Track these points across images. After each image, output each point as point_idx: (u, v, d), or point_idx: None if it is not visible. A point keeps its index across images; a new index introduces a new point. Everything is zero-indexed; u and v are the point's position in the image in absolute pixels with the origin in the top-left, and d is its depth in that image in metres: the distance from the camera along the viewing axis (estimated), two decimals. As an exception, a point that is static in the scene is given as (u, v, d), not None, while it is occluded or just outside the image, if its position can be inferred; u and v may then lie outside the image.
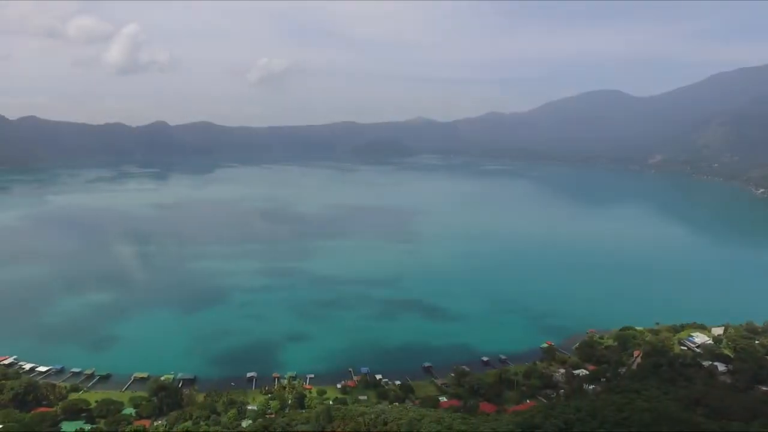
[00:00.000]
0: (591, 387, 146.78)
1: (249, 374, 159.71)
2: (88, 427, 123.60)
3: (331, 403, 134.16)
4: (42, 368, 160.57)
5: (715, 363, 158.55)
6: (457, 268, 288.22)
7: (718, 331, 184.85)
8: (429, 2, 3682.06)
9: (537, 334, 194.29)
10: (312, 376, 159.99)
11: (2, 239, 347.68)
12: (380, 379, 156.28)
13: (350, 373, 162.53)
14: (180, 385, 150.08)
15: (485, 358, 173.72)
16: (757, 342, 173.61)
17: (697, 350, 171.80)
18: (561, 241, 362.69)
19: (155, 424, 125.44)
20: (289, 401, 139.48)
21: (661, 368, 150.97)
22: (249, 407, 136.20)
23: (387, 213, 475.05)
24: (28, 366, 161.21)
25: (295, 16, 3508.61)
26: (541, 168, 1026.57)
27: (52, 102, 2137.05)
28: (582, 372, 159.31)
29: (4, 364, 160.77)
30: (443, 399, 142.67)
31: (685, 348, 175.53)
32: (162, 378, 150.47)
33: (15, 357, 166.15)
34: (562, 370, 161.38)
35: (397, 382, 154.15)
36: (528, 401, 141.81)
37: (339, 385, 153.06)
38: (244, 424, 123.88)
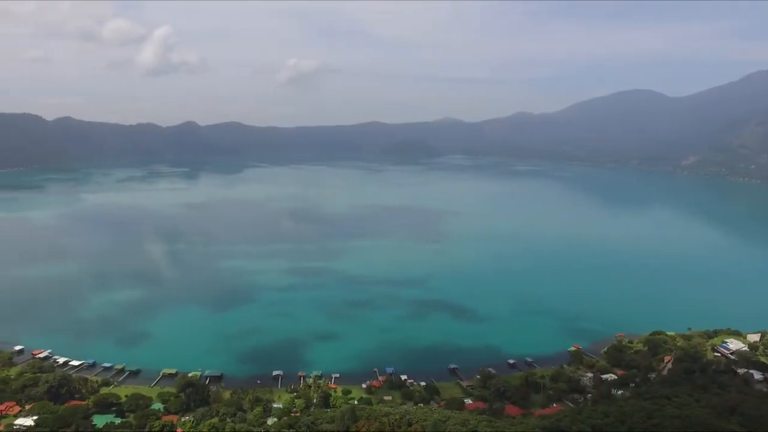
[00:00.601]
0: (619, 392, 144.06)
1: (275, 372, 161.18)
2: (118, 420, 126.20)
3: (356, 402, 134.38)
4: (75, 362, 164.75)
5: (751, 371, 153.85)
6: (485, 269, 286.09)
7: (754, 337, 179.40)
8: (457, 2, 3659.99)
9: (564, 337, 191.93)
10: (337, 375, 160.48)
11: (39, 237, 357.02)
12: (405, 379, 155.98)
13: (375, 373, 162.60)
14: (207, 382, 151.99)
15: (511, 361, 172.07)
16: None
17: (732, 357, 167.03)
18: (590, 242, 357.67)
19: (182, 419, 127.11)
20: (314, 400, 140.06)
21: (694, 375, 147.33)
22: (274, 405, 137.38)
23: (415, 213, 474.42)
24: (62, 360, 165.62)
25: (324, 17, 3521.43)
26: (570, 169, 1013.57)
27: (86, 103, 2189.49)
28: (610, 376, 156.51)
29: (39, 358, 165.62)
30: (468, 401, 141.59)
31: (719, 354, 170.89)
32: (190, 374, 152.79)
33: (50, 351, 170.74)
34: (590, 374, 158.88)
35: (422, 383, 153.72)
36: (555, 405, 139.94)
37: (364, 385, 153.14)
38: (270, 421, 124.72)
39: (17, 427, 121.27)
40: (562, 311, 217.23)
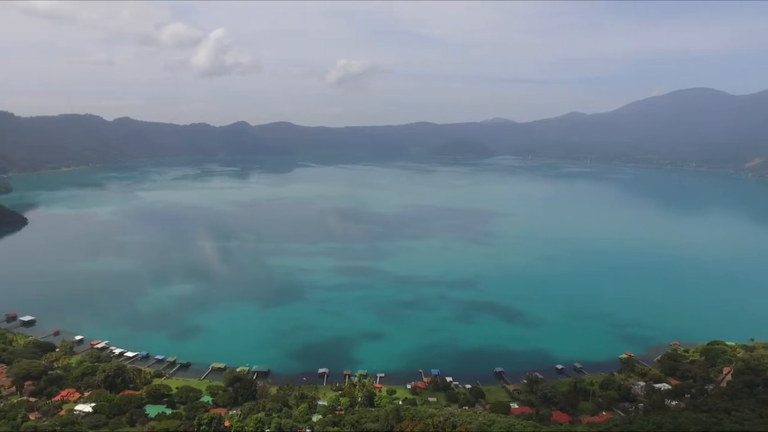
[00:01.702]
0: (673, 403, 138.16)
1: (321, 370, 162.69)
2: (169, 411, 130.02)
3: (400, 403, 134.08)
4: (130, 353, 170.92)
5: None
6: (535, 272, 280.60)
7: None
8: (508, 3, 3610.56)
9: (616, 343, 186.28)
10: (382, 375, 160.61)
11: (99, 232, 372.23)
12: (450, 381, 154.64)
13: (420, 374, 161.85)
14: (254, 377, 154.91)
15: (559, 366, 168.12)
16: None
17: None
18: (646, 247, 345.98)
19: (230, 413, 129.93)
20: (359, 399, 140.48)
21: (756, 389, 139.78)
22: (319, 402, 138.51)
23: (464, 214, 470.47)
24: (118, 351, 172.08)
25: (373, 17, 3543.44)
26: (625, 171, 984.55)
27: (144, 104, 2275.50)
28: (664, 386, 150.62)
29: (97, 348, 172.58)
30: (514, 405, 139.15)
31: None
32: (238, 369, 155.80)
33: (107, 342, 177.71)
34: (642, 383, 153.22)
35: (468, 386, 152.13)
36: (604, 413, 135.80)
37: (409, 386, 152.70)
38: (314, 418, 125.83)
39: (77, 412, 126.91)
40: (613, 317, 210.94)
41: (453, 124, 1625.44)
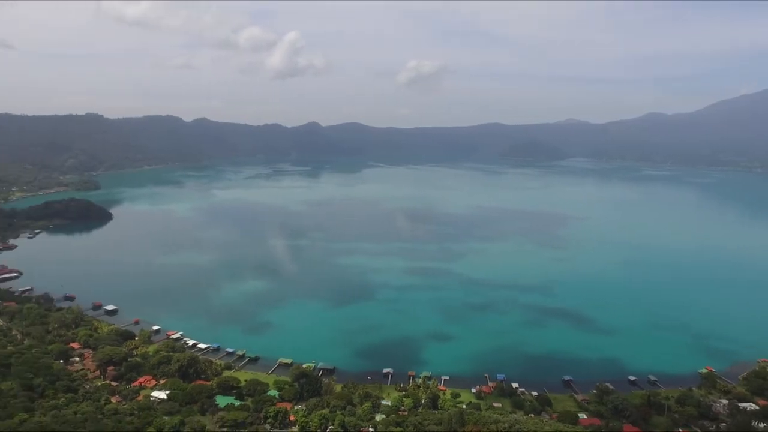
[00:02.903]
0: (761, 425, 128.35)
1: (385, 370, 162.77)
2: (237, 403, 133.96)
3: (464, 407, 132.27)
4: (202, 345, 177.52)
5: None
6: (610, 278, 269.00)
7: None
8: (582, 1, 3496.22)
9: (696, 356, 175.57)
10: (447, 377, 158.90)
11: (177, 228, 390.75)
12: (516, 387, 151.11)
13: (486, 378, 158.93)
14: (320, 374, 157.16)
15: (632, 377, 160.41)
16: None
17: None
18: (732, 256, 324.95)
19: (295, 408, 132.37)
20: (423, 400, 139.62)
21: None
22: (383, 402, 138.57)
23: (536, 217, 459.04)
24: (191, 342, 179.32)
25: (444, 17, 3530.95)
26: (710, 174, 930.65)
27: (220, 105, 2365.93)
28: (750, 406, 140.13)
29: (172, 338, 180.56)
30: (583, 416, 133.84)
31: None
32: (304, 365, 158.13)
33: (181, 333, 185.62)
34: (725, 401, 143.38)
35: (534, 393, 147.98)
36: (680, 430, 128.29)
37: (473, 390, 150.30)
38: (378, 418, 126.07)
39: (153, 398, 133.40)
40: (693, 328, 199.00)
41: (524, 125, 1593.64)
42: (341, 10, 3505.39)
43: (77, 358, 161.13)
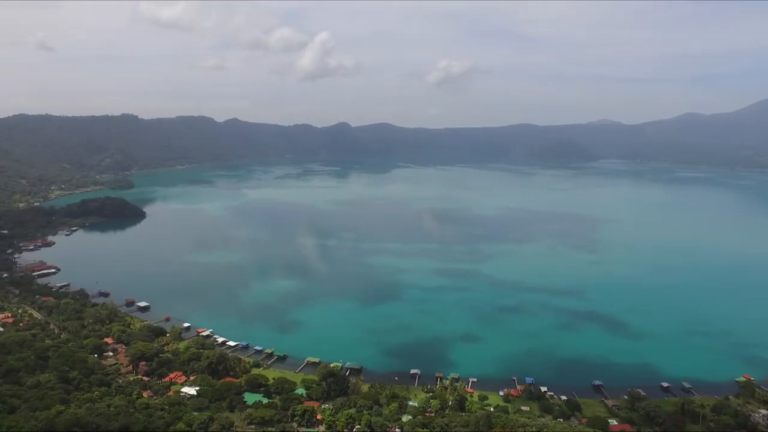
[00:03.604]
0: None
1: (413, 371, 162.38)
2: (265, 400, 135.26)
3: (491, 409, 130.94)
4: (231, 343, 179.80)
5: None
6: (644, 282, 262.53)
7: None
8: (613, 1, 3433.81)
9: (733, 364, 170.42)
10: (474, 379, 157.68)
11: (208, 227, 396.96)
12: (545, 391, 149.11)
13: (514, 381, 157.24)
14: (347, 374, 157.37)
15: (665, 384, 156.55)
16: None
17: None
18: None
19: (322, 407, 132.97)
20: (450, 402, 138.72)
21: None
22: (410, 403, 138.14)
23: (568, 219, 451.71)
24: (220, 339, 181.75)
25: (474, 18, 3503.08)
26: (751, 176, 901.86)
27: (251, 105, 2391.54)
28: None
29: (202, 336, 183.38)
30: (613, 422, 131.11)
31: None
32: (331, 365, 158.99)
33: (211, 330, 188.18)
34: (764, 411, 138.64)
35: (563, 397, 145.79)
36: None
37: (501, 393, 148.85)
38: (404, 418, 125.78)
39: (183, 394, 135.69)
40: (731, 335, 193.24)
41: (555, 126, 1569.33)
42: (371, 11, 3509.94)
43: (111, 353, 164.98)
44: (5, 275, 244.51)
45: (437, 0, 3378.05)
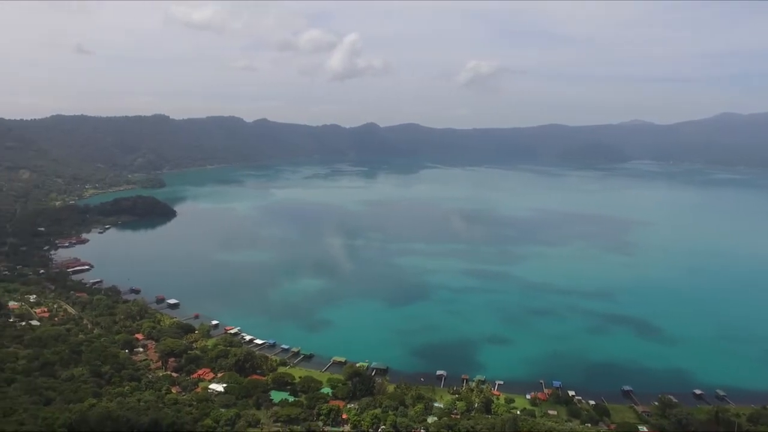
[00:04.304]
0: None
1: (438, 372, 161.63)
2: (291, 398, 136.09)
3: (518, 412, 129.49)
4: (259, 341, 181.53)
5: None
6: (677, 286, 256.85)
7: None
8: (645, 0, 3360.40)
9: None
10: (501, 382, 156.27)
11: (237, 226, 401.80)
12: (573, 395, 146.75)
13: (541, 384, 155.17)
14: (373, 374, 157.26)
15: (698, 391, 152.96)
16: None
17: None
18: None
19: (348, 406, 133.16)
20: (476, 404, 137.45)
21: None
22: (435, 404, 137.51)
23: (599, 221, 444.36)
24: (248, 337, 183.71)
25: (503, 18, 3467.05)
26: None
27: (280, 106, 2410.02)
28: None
29: (230, 333, 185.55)
30: (643, 429, 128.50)
31: None
32: (357, 364, 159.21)
33: (239, 328, 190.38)
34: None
35: (592, 402, 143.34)
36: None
37: (528, 396, 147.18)
38: (430, 420, 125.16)
39: (211, 391, 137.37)
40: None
41: (586, 126, 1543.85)
42: (400, 12, 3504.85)
43: (141, 349, 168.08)
44: (42, 271, 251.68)
45: (466, 0, 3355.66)
